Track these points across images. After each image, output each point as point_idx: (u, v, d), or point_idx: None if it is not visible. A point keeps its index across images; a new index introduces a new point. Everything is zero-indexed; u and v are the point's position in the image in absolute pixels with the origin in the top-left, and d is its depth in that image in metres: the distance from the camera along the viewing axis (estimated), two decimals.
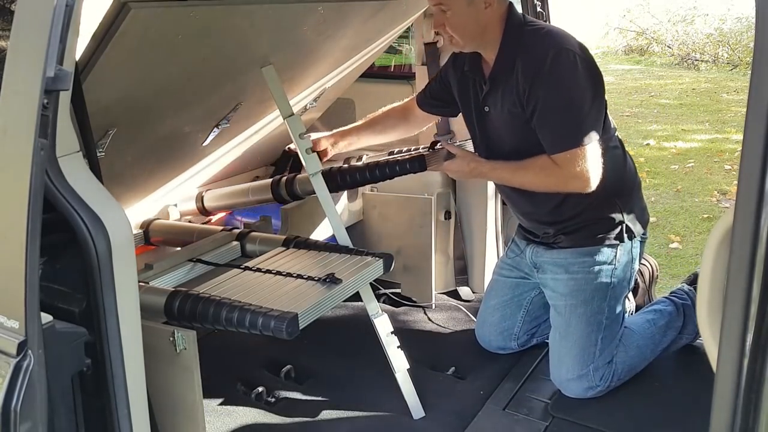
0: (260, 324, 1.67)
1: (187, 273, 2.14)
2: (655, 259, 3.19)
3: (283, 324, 1.65)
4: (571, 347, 2.20)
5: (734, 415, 0.89)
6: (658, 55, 11.88)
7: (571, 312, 2.20)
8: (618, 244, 2.15)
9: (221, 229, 2.37)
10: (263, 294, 1.84)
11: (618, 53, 12.50)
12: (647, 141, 6.65)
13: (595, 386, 2.19)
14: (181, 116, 2.22)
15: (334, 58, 2.58)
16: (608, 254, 2.15)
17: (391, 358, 2.12)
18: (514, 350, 2.46)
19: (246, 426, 2.18)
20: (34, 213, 1.10)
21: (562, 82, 1.94)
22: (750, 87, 0.82)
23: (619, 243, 2.15)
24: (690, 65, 11.06)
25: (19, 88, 1.14)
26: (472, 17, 1.98)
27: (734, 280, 0.86)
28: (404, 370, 2.15)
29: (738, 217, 0.85)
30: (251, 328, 1.68)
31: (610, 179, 2.02)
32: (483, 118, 2.15)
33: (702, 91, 9.06)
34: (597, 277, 2.16)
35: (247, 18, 1.94)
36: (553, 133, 1.97)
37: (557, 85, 1.94)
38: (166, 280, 2.06)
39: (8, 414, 1.10)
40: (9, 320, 1.14)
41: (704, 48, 11.27)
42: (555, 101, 1.95)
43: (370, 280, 2.06)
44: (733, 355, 0.88)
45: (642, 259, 2.37)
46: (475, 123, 2.19)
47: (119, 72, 1.77)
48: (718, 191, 5.04)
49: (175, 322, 1.75)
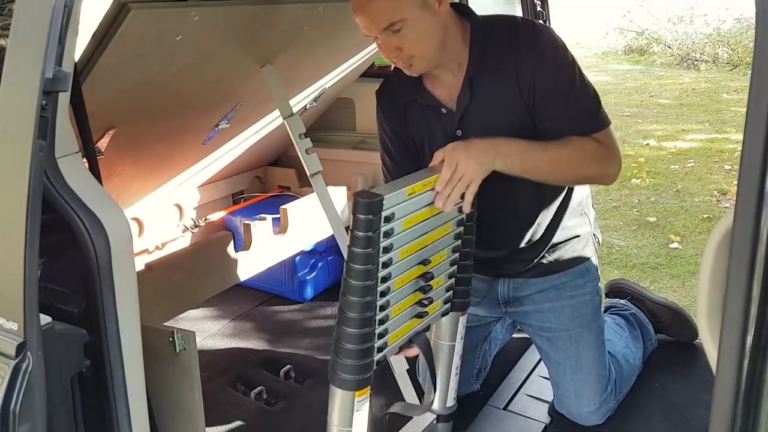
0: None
1: None
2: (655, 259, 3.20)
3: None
4: (587, 378, 2.03)
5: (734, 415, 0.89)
6: (658, 55, 11.88)
7: (578, 341, 2.02)
8: (593, 255, 2.06)
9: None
10: None
11: (618, 53, 12.49)
12: (647, 141, 6.65)
13: (612, 408, 2.11)
14: (181, 116, 2.22)
15: (334, 58, 2.58)
16: (591, 267, 2.05)
17: (391, 359, 2.12)
18: (476, 391, 2.26)
19: (246, 426, 2.18)
20: (33, 214, 1.10)
21: (563, 59, 1.70)
22: (750, 87, 0.82)
23: (594, 254, 2.07)
24: (690, 65, 11.06)
25: (17, 89, 1.14)
26: (432, 22, 1.63)
27: (734, 281, 0.86)
28: (404, 370, 2.14)
29: (738, 217, 0.84)
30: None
31: (581, 187, 1.94)
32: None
33: (702, 91, 9.06)
34: (590, 295, 2.03)
35: (247, 18, 1.94)
36: (580, 113, 1.70)
37: (563, 64, 1.70)
38: None
39: (7, 416, 1.10)
40: (8, 322, 1.13)
41: (704, 48, 11.27)
42: (569, 81, 1.70)
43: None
44: (733, 355, 0.87)
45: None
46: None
47: (119, 72, 1.77)
48: (718, 191, 5.04)
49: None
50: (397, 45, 1.62)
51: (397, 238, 1.52)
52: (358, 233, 1.43)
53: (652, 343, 2.41)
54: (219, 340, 2.69)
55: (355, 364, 1.50)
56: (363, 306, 1.46)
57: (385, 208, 1.45)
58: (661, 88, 9.41)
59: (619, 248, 4.11)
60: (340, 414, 1.55)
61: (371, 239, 1.43)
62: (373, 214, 1.42)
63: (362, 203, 1.41)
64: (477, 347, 2.21)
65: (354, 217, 1.43)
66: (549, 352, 2.08)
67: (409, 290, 1.64)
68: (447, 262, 1.74)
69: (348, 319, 1.47)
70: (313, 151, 2.25)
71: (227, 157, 2.76)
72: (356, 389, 1.52)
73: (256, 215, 2.73)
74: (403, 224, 1.53)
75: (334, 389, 1.54)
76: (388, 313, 1.58)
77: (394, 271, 1.55)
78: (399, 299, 1.61)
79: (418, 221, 1.58)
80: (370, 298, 1.47)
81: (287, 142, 2.64)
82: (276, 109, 2.41)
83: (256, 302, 2.98)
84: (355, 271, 1.44)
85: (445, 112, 1.78)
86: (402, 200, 1.51)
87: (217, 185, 2.98)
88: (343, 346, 1.49)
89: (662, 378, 2.31)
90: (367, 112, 2.54)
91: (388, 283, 1.54)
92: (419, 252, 1.62)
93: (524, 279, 2.02)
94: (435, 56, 1.67)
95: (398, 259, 1.55)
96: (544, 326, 2.05)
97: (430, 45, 1.65)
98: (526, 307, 2.06)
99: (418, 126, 1.85)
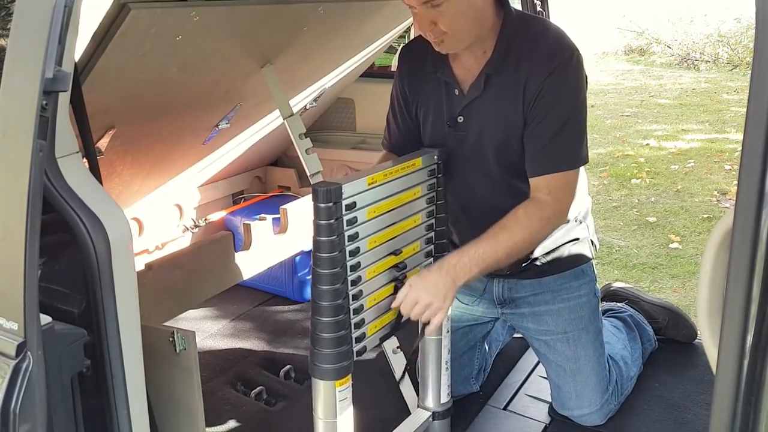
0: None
1: None
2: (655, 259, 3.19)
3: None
4: (587, 379, 2.03)
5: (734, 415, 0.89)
6: (658, 55, 11.87)
7: (576, 343, 2.01)
8: (591, 258, 2.06)
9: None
10: None
11: (618, 53, 12.49)
12: (647, 141, 6.65)
13: (614, 409, 2.10)
14: (181, 116, 2.22)
15: (334, 58, 2.58)
16: (587, 269, 2.04)
17: (391, 359, 2.12)
18: (476, 391, 2.24)
19: (246, 426, 2.18)
20: (33, 214, 1.10)
21: (571, 87, 1.70)
22: (750, 87, 0.82)
23: (591, 256, 2.06)
24: (690, 65, 11.05)
25: (17, 89, 1.14)
26: (472, 3, 1.63)
27: (734, 281, 0.86)
28: (403, 369, 2.14)
29: (738, 217, 0.84)
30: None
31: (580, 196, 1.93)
32: (456, 130, 1.80)
33: (702, 91, 9.05)
34: (587, 297, 2.02)
35: (247, 18, 1.94)
36: (554, 149, 1.71)
37: (567, 93, 1.69)
38: None
39: (7, 415, 1.10)
40: (8, 322, 1.13)
41: (704, 48, 11.27)
42: (562, 113, 1.69)
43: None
44: (733, 355, 0.87)
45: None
46: (446, 137, 1.82)
47: (119, 72, 1.77)
48: (718, 191, 5.04)
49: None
50: (433, 19, 1.62)
51: (362, 228, 1.55)
52: (320, 222, 1.47)
53: (652, 344, 2.41)
54: (219, 340, 2.69)
55: (333, 353, 1.52)
56: (333, 293, 1.49)
57: (345, 196, 1.48)
58: (661, 88, 9.41)
59: (619, 248, 4.11)
60: (324, 405, 1.57)
61: (333, 227, 1.47)
62: (332, 201, 1.46)
63: (320, 191, 1.45)
64: (476, 347, 2.20)
65: (314, 206, 1.46)
66: (548, 355, 2.08)
67: (383, 281, 1.66)
68: (421, 254, 1.77)
69: (320, 308, 1.50)
70: (313, 151, 2.25)
71: (227, 157, 2.76)
72: (336, 378, 1.54)
73: (256, 215, 2.73)
74: (367, 213, 1.57)
75: (316, 381, 1.56)
76: (362, 303, 1.60)
77: (363, 260, 1.58)
78: (373, 289, 1.64)
79: (383, 211, 1.62)
80: (340, 285, 1.50)
81: (287, 142, 2.65)
82: (276, 109, 2.41)
83: (256, 302, 2.98)
84: (322, 260, 1.48)
85: (457, 93, 1.79)
86: (362, 189, 1.54)
87: (217, 185, 2.98)
88: (319, 336, 1.52)
89: (662, 378, 2.31)
90: (367, 112, 2.54)
91: (359, 272, 1.57)
92: (390, 242, 1.65)
93: (518, 280, 2.01)
94: (467, 38, 1.68)
95: (366, 248, 1.58)
96: (541, 329, 2.04)
97: (465, 25, 1.65)
98: (523, 309, 2.05)
99: (428, 101, 1.85)
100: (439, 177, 1.76)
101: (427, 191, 1.74)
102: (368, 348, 1.66)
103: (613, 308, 2.47)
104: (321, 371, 1.54)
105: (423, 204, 1.74)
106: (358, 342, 1.60)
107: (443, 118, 1.82)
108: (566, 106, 1.70)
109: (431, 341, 1.89)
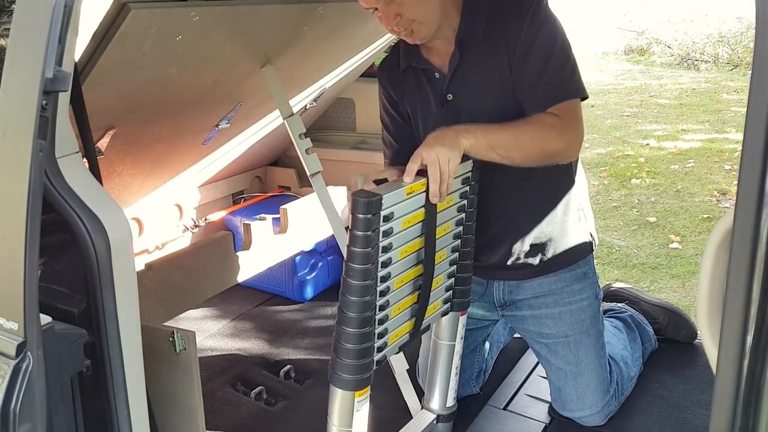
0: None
1: None
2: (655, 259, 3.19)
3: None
4: (588, 382, 2.03)
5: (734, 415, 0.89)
6: (658, 55, 11.88)
7: (577, 347, 2.01)
8: (590, 255, 2.04)
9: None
10: None
11: (618, 53, 12.49)
12: (647, 141, 6.64)
13: (615, 409, 2.11)
14: (181, 116, 2.22)
15: (334, 58, 2.58)
16: (588, 268, 2.03)
17: (391, 359, 2.12)
18: (475, 393, 2.25)
19: (246, 426, 2.18)
20: (33, 214, 1.10)
21: (549, 25, 1.71)
22: (750, 87, 0.82)
23: (590, 253, 2.04)
24: (690, 65, 11.06)
25: (17, 89, 1.14)
26: None
27: (734, 281, 0.86)
28: (404, 370, 2.14)
29: (738, 217, 0.84)
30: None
31: (579, 184, 1.93)
32: (448, 110, 1.82)
33: (702, 91, 9.05)
34: (588, 301, 2.01)
35: (247, 18, 1.94)
36: (549, 81, 1.70)
37: (546, 29, 1.71)
38: None
39: (7, 416, 1.10)
40: (8, 322, 1.13)
41: (704, 48, 11.27)
42: (547, 46, 1.70)
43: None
44: (733, 355, 0.87)
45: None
46: (440, 119, 1.79)
47: (119, 72, 1.77)
48: (718, 191, 5.04)
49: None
50: (397, 11, 1.63)
51: (396, 238, 1.53)
52: (357, 232, 1.43)
53: (652, 344, 2.41)
54: (219, 340, 2.69)
55: (355, 364, 1.50)
56: (362, 305, 1.46)
57: (384, 207, 1.45)
58: (661, 88, 9.41)
59: (619, 248, 4.11)
60: (340, 414, 1.55)
61: (370, 238, 1.44)
62: (372, 213, 1.42)
63: (361, 202, 1.42)
64: (476, 350, 2.20)
65: (353, 216, 1.43)
66: (549, 358, 2.07)
67: (408, 290, 1.64)
68: (446, 262, 1.75)
69: (347, 318, 1.47)
70: (313, 151, 2.25)
71: (227, 157, 2.76)
72: (356, 389, 1.52)
73: (256, 215, 2.73)
74: (402, 223, 1.54)
75: (334, 389, 1.54)
76: (387, 312, 1.58)
77: (393, 271, 1.55)
78: (398, 299, 1.61)
79: (417, 221, 1.59)
80: (370, 297, 1.47)
81: (287, 142, 2.65)
82: (276, 109, 2.41)
83: (256, 302, 2.98)
84: (355, 271, 1.45)
85: (438, 77, 1.82)
86: (401, 199, 1.52)
87: (217, 185, 2.98)
88: (343, 346, 1.49)
89: (662, 378, 2.31)
90: (367, 112, 2.54)
91: (388, 282, 1.54)
92: (418, 251, 1.62)
93: (518, 282, 2.00)
94: (434, 19, 1.69)
95: (397, 258, 1.56)
96: (542, 332, 2.04)
97: (429, 14, 1.67)
98: (524, 312, 2.04)
99: (413, 95, 1.88)
100: (472, 184, 1.73)
101: (459, 199, 1.71)
102: (387, 356, 1.64)
103: (613, 308, 2.47)
104: (342, 381, 1.52)
105: (453, 212, 1.71)
106: (379, 351, 1.58)
107: (432, 103, 1.84)
108: (548, 42, 1.70)
109: (443, 345, 1.88)
